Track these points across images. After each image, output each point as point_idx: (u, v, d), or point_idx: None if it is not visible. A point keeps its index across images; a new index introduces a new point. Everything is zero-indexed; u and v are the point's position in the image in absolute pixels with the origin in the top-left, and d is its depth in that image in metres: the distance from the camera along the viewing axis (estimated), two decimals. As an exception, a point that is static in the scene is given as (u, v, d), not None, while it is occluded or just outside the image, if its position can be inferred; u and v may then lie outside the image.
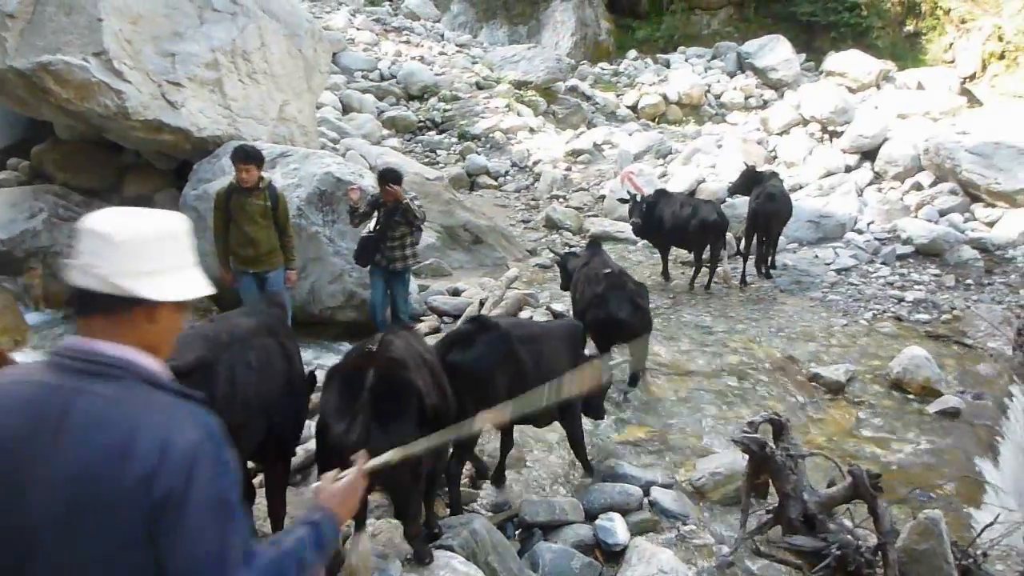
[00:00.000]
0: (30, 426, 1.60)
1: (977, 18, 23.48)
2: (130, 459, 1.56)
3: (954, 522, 5.54)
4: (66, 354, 1.69)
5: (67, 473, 1.56)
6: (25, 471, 1.59)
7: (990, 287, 11.79)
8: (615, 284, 7.53)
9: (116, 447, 1.57)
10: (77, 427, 1.59)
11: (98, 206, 10.36)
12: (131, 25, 8.94)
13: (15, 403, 1.64)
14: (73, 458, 1.57)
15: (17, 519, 1.58)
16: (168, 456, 1.58)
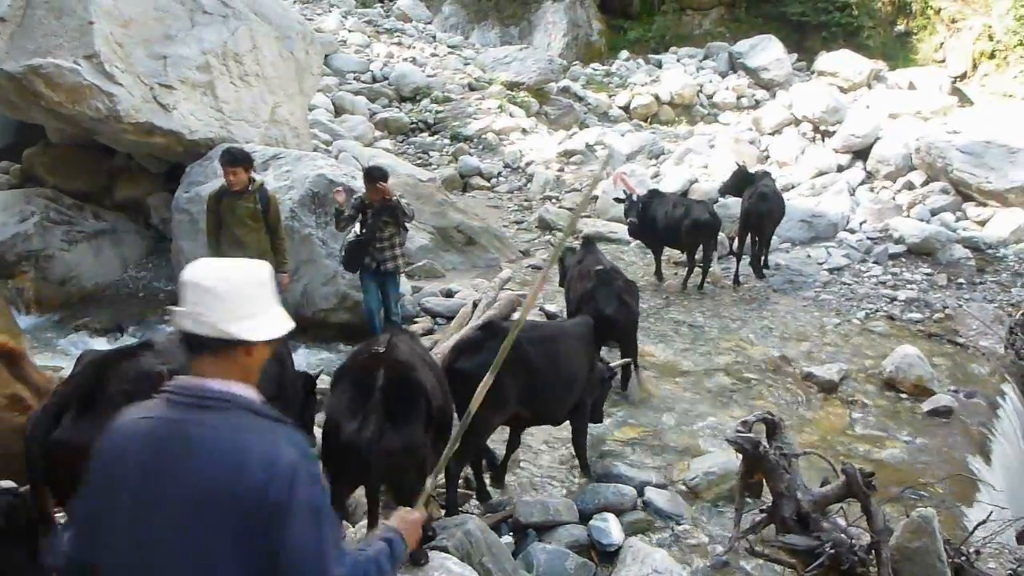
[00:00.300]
0: (156, 454, 1.95)
1: (967, 17, 23.54)
2: (244, 475, 1.89)
3: (947, 520, 5.56)
4: (181, 392, 2.05)
5: (191, 490, 1.90)
6: (153, 491, 1.92)
7: (982, 286, 11.83)
8: (604, 281, 7.60)
9: (231, 467, 1.90)
10: (197, 453, 1.92)
11: (90, 209, 10.40)
12: (122, 28, 8.93)
13: (142, 436, 2.01)
14: (196, 478, 1.90)
15: (146, 531, 1.92)
16: (274, 472, 1.90)
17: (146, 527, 1.92)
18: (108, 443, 2.07)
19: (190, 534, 1.89)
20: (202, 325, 2.02)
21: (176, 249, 9.60)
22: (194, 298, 2.05)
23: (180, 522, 1.90)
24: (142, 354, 3.80)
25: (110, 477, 2.01)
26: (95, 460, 2.06)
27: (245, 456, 1.91)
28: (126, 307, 9.73)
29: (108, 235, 10.45)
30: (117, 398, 3.56)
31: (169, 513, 1.91)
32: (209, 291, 2.04)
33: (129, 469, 1.97)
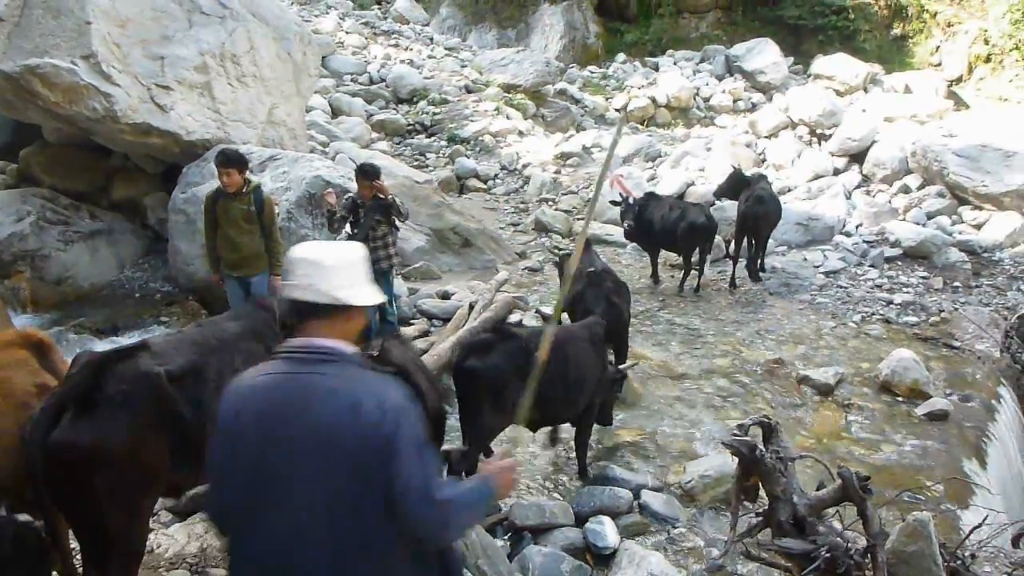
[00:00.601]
0: (279, 402, 2.26)
1: (963, 21, 23.60)
2: (360, 415, 2.20)
3: (943, 524, 5.57)
4: (296, 349, 2.39)
5: (313, 430, 2.20)
6: (278, 434, 2.22)
7: (978, 289, 11.85)
8: (593, 282, 7.72)
9: (348, 408, 2.22)
10: (316, 397, 2.24)
11: (86, 209, 10.38)
12: (119, 28, 8.92)
13: (264, 388, 2.32)
14: (317, 420, 2.21)
15: (272, 469, 2.22)
16: (385, 412, 2.23)
17: (272, 466, 2.23)
18: (231, 398, 2.39)
19: (313, 469, 2.20)
20: (315, 293, 2.39)
21: (172, 249, 9.59)
22: (306, 271, 2.41)
23: (304, 459, 2.20)
24: (139, 355, 3.79)
25: (235, 428, 2.31)
26: (221, 416, 2.36)
27: (359, 399, 2.23)
28: (122, 307, 9.72)
29: (104, 235, 10.43)
30: (115, 399, 3.56)
31: (293, 452, 2.21)
32: (320, 265, 2.41)
33: (253, 418, 2.28)
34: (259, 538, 2.25)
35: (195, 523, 4.93)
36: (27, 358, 4.40)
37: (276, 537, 2.22)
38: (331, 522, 2.20)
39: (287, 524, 2.21)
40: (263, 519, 2.23)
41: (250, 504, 2.25)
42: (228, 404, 2.37)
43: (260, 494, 2.23)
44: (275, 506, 2.22)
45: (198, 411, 3.82)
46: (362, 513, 2.21)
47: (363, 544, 2.23)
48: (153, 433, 3.64)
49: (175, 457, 3.76)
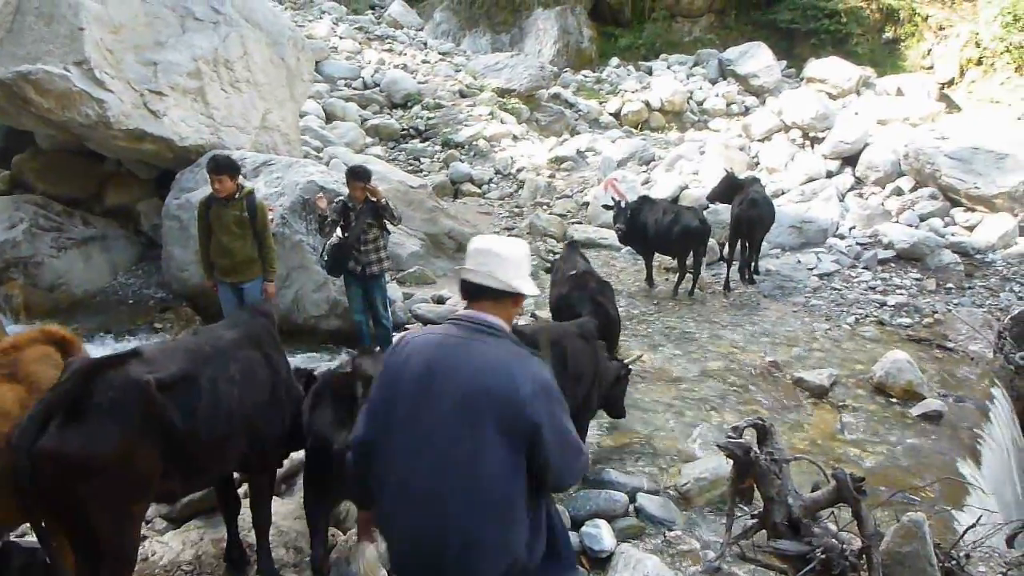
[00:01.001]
0: (441, 357, 2.68)
1: (954, 24, 23.70)
2: (514, 384, 2.58)
3: (937, 524, 5.57)
4: (465, 319, 2.81)
5: (464, 386, 2.60)
6: (434, 385, 2.63)
7: (970, 291, 11.88)
8: (577, 284, 7.93)
9: (503, 375, 2.61)
10: (474, 360, 2.65)
11: (79, 216, 10.37)
12: (112, 34, 8.91)
13: (431, 344, 2.74)
14: (470, 379, 2.61)
15: (425, 415, 2.62)
16: (537, 385, 2.63)
17: (425, 413, 2.62)
18: (404, 347, 2.80)
19: (459, 421, 2.57)
20: (491, 279, 2.81)
21: (166, 255, 9.58)
22: (485, 259, 2.84)
23: (452, 410, 2.59)
24: (130, 362, 3.77)
25: (399, 373, 2.72)
26: (392, 360, 2.80)
27: (514, 370, 2.63)
28: (115, 314, 9.70)
29: (98, 241, 10.41)
30: (103, 407, 3.54)
31: (444, 404, 2.60)
32: (499, 256, 2.84)
33: (416, 367, 2.68)
34: (411, 462, 2.63)
35: (190, 530, 4.91)
36: (51, 353, 4.49)
37: (424, 461, 2.61)
38: (473, 468, 2.56)
39: (431, 460, 2.59)
40: (408, 446, 2.65)
41: (399, 445, 2.66)
42: (400, 351, 2.81)
43: (409, 436, 2.64)
44: (423, 436, 2.62)
45: (190, 419, 3.80)
46: (501, 465, 2.57)
47: (493, 482, 2.57)
48: (142, 441, 3.61)
49: (166, 465, 3.75)
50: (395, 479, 2.66)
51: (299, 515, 5.11)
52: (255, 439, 4.27)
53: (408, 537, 2.66)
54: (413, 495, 2.62)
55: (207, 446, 3.93)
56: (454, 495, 2.55)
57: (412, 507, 2.62)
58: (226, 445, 4.08)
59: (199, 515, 5.07)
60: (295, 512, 5.12)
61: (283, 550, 4.78)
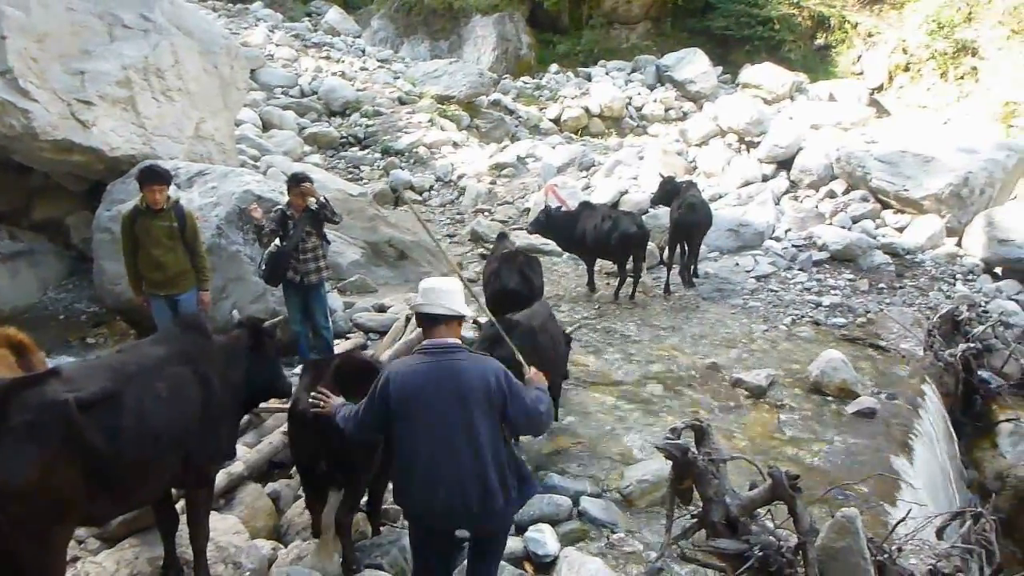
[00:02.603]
0: (436, 375, 3.75)
1: (882, 32, 24.36)
2: (487, 379, 3.74)
3: (871, 519, 5.70)
4: (436, 347, 3.84)
5: (461, 389, 3.72)
6: (440, 392, 3.72)
7: (901, 291, 12.21)
8: (506, 259, 8.64)
9: (480, 376, 3.75)
10: (462, 372, 3.75)
11: (5, 230, 10.06)
12: (36, 43, 8.69)
13: (426, 368, 3.79)
14: (464, 383, 3.72)
15: (439, 408, 3.70)
16: (498, 378, 3.77)
17: (438, 408, 3.71)
18: (400, 377, 3.79)
19: (461, 409, 3.70)
20: (441, 308, 3.84)
21: (98, 269, 9.34)
22: (434, 296, 3.86)
23: (456, 404, 3.71)
24: (48, 381, 3.65)
25: (405, 388, 3.75)
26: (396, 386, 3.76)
27: (485, 372, 3.77)
28: (46, 330, 9.40)
29: (25, 256, 10.12)
30: (18, 429, 3.41)
31: (450, 401, 3.71)
32: (443, 291, 3.89)
33: (421, 385, 3.74)
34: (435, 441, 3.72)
35: (124, 549, 4.78)
36: (6, 355, 4.59)
37: (444, 438, 3.72)
38: (469, 428, 3.71)
39: (447, 431, 3.71)
40: (436, 432, 3.72)
41: (432, 427, 3.72)
42: (399, 379, 3.78)
43: (429, 421, 3.72)
44: (443, 424, 3.71)
45: (114, 440, 3.69)
46: (493, 427, 3.77)
47: (494, 441, 3.77)
48: (62, 464, 3.49)
49: (90, 488, 3.63)
50: (423, 459, 3.74)
51: (238, 530, 5.02)
52: (187, 457, 4.17)
53: (442, 495, 3.72)
54: (439, 465, 3.72)
55: (134, 467, 3.82)
56: (466, 459, 3.72)
57: (441, 474, 3.72)
58: (154, 465, 3.97)
59: (134, 534, 4.93)
60: (234, 527, 5.03)
61: (222, 566, 4.69)
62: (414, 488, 3.81)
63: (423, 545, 4.02)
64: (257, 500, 5.66)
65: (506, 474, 3.83)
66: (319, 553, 4.89)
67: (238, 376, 4.71)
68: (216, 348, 4.62)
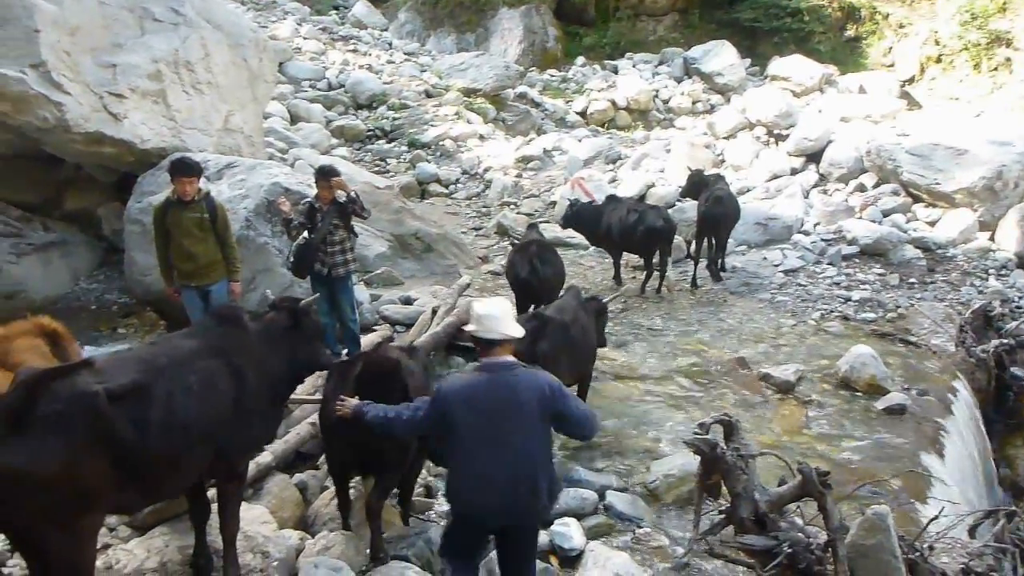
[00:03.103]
0: (497, 390, 4.10)
1: (914, 23, 23.99)
2: (543, 389, 4.11)
3: (901, 517, 5.65)
4: (495, 365, 4.18)
5: (519, 399, 4.06)
6: (500, 405, 4.06)
7: (932, 285, 12.06)
8: (520, 249, 9.15)
9: (536, 388, 4.11)
10: (519, 385, 4.10)
11: (38, 221, 10.18)
12: (69, 36, 8.75)
13: (487, 383, 4.14)
14: (521, 394, 4.07)
15: (498, 418, 4.04)
16: (553, 388, 4.15)
17: (495, 417, 4.04)
18: (463, 392, 4.17)
19: (516, 418, 4.06)
20: (498, 334, 4.20)
21: (128, 260, 9.43)
22: (490, 323, 4.20)
23: (511, 413, 4.05)
24: (79, 372, 3.68)
25: (472, 406, 4.08)
26: (458, 401, 4.12)
27: (540, 384, 4.15)
28: (77, 320, 9.51)
29: (58, 247, 10.23)
30: (48, 419, 3.44)
31: (505, 411, 4.05)
32: (497, 318, 4.22)
33: (479, 397, 4.09)
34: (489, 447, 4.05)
35: (155, 537, 4.83)
36: (40, 345, 4.70)
37: (498, 445, 4.04)
38: (522, 435, 4.07)
39: (501, 438, 4.04)
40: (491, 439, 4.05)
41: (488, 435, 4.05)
42: (458, 393, 4.16)
43: (486, 429, 4.05)
44: (498, 433, 4.04)
45: (142, 432, 3.70)
46: (542, 434, 4.17)
47: (543, 448, 4.20)
48: (89, 454, 3.51)
49: (119, 478, 3.66)
50: (479, 464, 4.07)
51: (265, 519, 5.06)
52: (218, 450, 4.19)
53: (496, 496, 4.06)
54: (495, 469, 4.05)
55: (162, 459, 3.84)
56: (519, 463, 4.07)
57: (496, 477, 4.05)
58: (183, 457, 3.99)
59: (164, 522, 4.99)
60: (261, 517, 5.07)
61: (250, 555, 4.73)
62: (470, 490, 4.15)
63: (465, 541, 4.35)
64: (284, 490, 5.70)
65: (550, 476, 4.24)
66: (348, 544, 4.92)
67: (278, 361, 4.73)
68: (252, 339, 4.61)
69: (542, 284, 8.70)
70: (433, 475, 6.12)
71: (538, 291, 8.58)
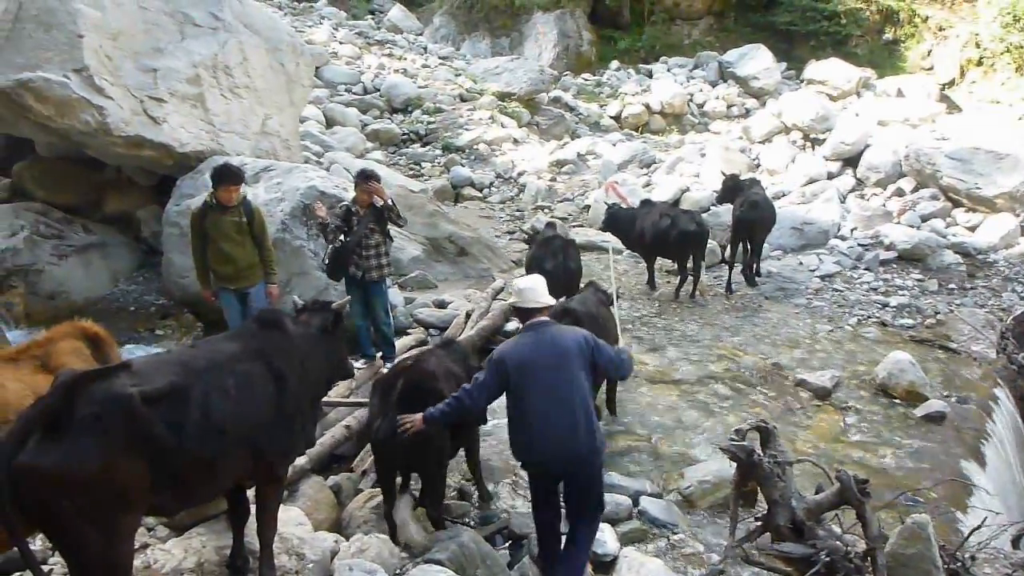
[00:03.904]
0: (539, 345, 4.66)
1: (954, 25, 23.69)
2: (581, 340, 4.72)
3: (942, 526, 5.56)
4: (536, 323, 4.75)
5: (564, 347, 4.65)
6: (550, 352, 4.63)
7: (972, 291, 11.87)
8: (543, 243, 9.52)
9: (575, 338, 4.74)
10: (558, 337, 4.72)
11: (79, 223, 10.35)
12: (111, 41, 8.90)
13: (535, 338, 4.71)
14: (564, 343, 4.67)
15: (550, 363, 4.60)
16: (587, 337, 4.76)
17: (546, 369, 4.55)
18: (512, 352, 4.68)
19: (564, 366, 4.57)
20: (536, 303, 4.81)
21: (167, 262, 9.56)
22: (529, 294, 4.83)
23: (559, 362, 4.57)
24: (116, 375, 3.71)
25: (521, 355, 4.61)
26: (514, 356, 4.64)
27: (577, 335, 4.75)
28: (116, 321, 9.65)
29: (98, 249, 10.39)
30: (84, 422, 3.47)
31: (553, 361, 4.57)
32: (535, 288, 4.86)
33: (529, 353, 4.61)
34: (546, 397, 4.52)
35: (192, 537, 4.88)
36: (81, 348, 4.78)
37: (553, 394, 4.52)
38: (571, 383, 4.56)
39: (556, 387, 4.53)
40: (547, 389, 4.52)
41: (543, 386, 4.53)
42: (512, 353, 4.66)
43: (547, 380, 4.53)
44: (552, 382, 4.53)
45: (178, 433, 3.73)
46: (587, 381, 4.66)
47: (584, 389, 4.63)
48: (125, 456, 3.53)
49: (155, 480, 3.68)
50: (539, 414, 4.52)
51: (300, 521, 5.10)
52: (257, 453, 4.22)
53: (557, 442, 4.50)
54: (553, 417, 4.50)
55: (199, 461, 3.85)
56: (573, 408, 4.52)
57: (555, 423, 4.49)
58: (220, 460, 4.00)
59: (202, 522, 5.04)
60: (297, 519, 5.10)
61: (285, 556, 4.75)
62: (533, 440, 4.58)
63: (543, 497, 4.82)
64: (319, 492, 5.74)
65: (594, 419, 4.68)
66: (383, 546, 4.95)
67: (317, 364, 4.77)
68: (294, 343, 4.63)
69: (567, 276, 8.99)
70: (467, 479, 6.13)
71: (563, 284, 8.75)
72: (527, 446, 4.65)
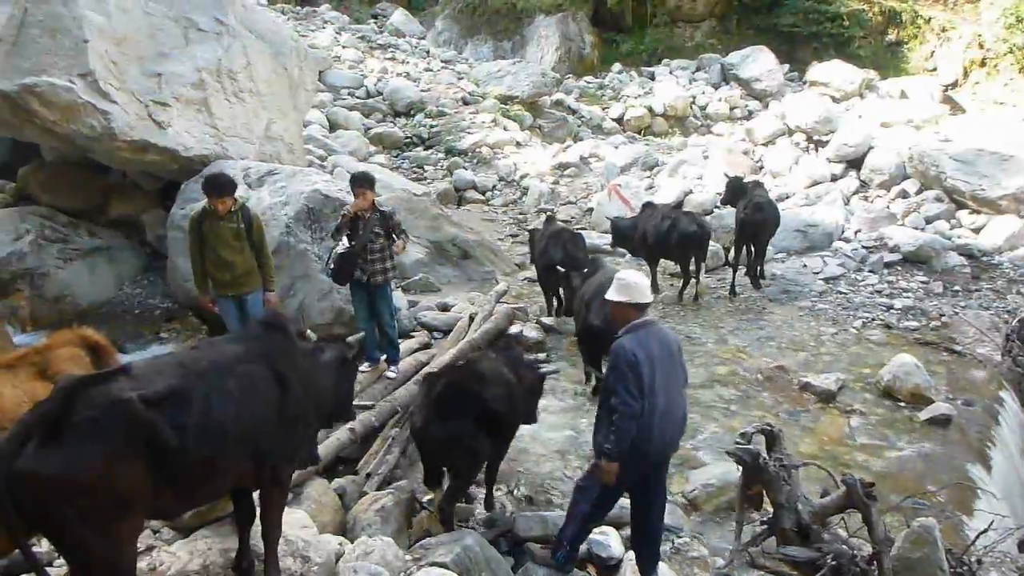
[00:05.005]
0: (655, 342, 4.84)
1: (957, 27, 23.66)
2: (677, 339, 5.22)
3: (948, 529, 5.54)
4: (646, 322, 4.90)
5: (670, 347, 4.93)
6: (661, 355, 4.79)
7: (977, 293, 11.85)
8: (551, 236, 9.71)
9: (674, 337, 5.14)
10: (666, 334, 5.05)
11: (84, 227, 10.38)
12: (116, 46, 8.91)
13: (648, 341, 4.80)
14: (671, 343, 4.98)
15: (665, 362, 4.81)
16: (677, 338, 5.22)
17: (664, 364, 4.78)
18: (639, 349, 4.72)
19: (675, 362, 4.90)
20: (646, 298, 4.95)
21: (171, 266, 9.58)
22: (634, 291, 4.91)
23: (671, 358, 4.86)
24: (115, 379, 3.70)
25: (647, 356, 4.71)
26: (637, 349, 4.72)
27: (673, 334, 5.14)
28: (121, 324, 9.69)
29: (103, 253, 10.41)
30: (83, 426, 3.48)
31: (667, 358, 4.82)
32: (637, 285, 4.95)
33: (651, 349, 4.76)
34: (666, 392, 4.73)
35: (197, 540, 4.88)
36: (80, 355, 4.80)
37: (669, 392, 4.76)
38: (680, 381, 4.94)
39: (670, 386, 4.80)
40: (667, 385, 4.76)
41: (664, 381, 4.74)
42: (640, 350, 4.72)
43: (661, 375, 4.73)
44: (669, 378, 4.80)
45: (179, 435, 3.71)
46: (682, 375, 5.00)
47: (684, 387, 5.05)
48: (125, 460, 3.52)
49: (156, 483, 3.68)
50: (661, 406, 4.71)
51: (305, 524, 5.10)
52: (259, 456, 4.22)
53: (672, 432, 4.84)
54: (672, 409, 4.79)
55: (200, 464, 3.85)
56: (682, 400, 4.94)
57: (673, 415, 4.81)
58: (220, 462, 4.01)
59: (207, 525, 5.04)
60: (301, 521, 5.11)
61: (290, 559, 4.76)
62: (657, 428, 4.73)
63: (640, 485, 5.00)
64: (323, 495, 5.73)
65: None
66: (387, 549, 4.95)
67: (325, 386, 4.81)
68: (297, 349, 4.64)
69: (572, 266, 9.15)
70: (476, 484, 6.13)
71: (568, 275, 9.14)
72: (647, 439, 4.73)
